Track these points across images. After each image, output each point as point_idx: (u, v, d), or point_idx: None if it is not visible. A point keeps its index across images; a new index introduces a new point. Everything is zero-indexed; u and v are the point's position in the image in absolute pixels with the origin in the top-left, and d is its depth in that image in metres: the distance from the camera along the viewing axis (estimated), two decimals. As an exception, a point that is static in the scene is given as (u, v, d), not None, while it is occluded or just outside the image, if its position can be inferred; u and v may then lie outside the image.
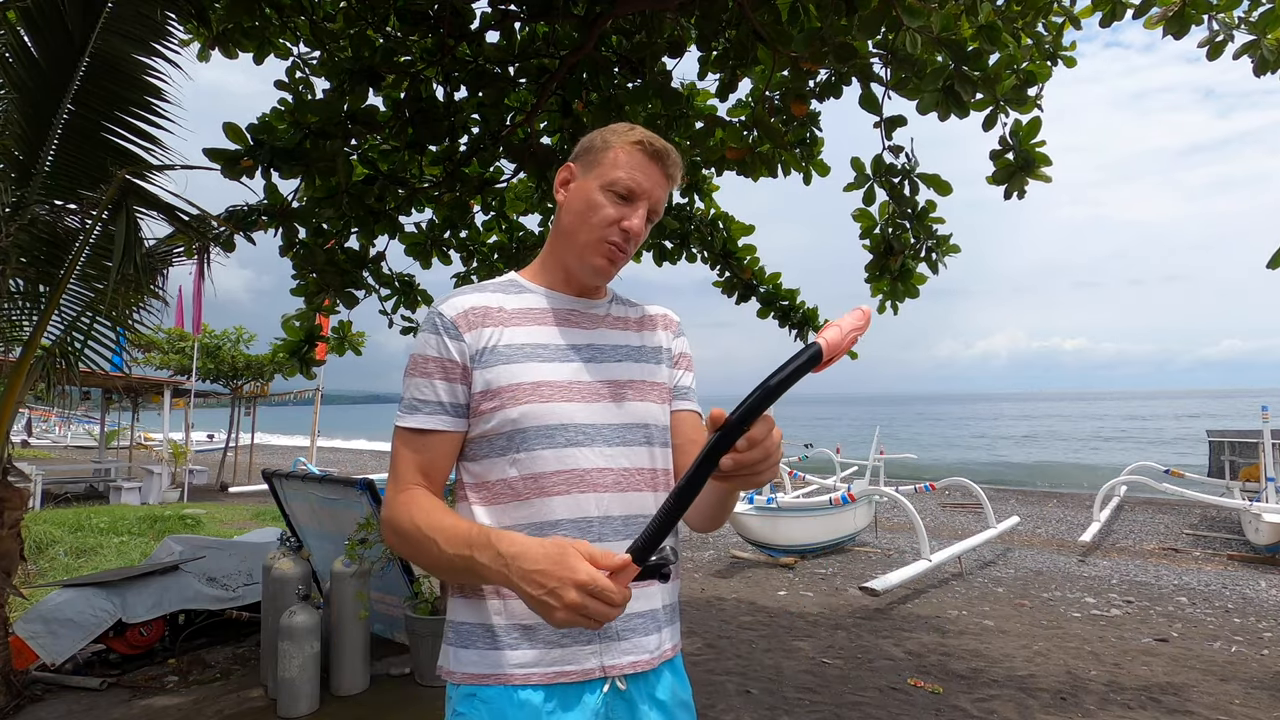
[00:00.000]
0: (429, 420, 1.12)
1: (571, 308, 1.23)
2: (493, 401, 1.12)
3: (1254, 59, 3.19)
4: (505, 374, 1.12)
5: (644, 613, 1.15)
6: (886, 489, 9.08)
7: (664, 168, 1.17)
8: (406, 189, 4.13)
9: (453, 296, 1.18)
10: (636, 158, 1.16)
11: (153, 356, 14.83)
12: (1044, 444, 35.67)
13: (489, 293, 1.19)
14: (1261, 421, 10.00)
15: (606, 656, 1.11)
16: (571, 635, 1.10)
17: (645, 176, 1.16)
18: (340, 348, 4.77)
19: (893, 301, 4.22)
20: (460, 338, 1.13)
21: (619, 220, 1.15)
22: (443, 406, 1.13)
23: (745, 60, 3.56)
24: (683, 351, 1.34)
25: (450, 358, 1.13)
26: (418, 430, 1.12)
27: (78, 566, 6.68)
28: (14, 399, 3.57)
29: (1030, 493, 17.38)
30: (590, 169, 1.18)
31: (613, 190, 1.15)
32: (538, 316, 1.19)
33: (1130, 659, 4.84)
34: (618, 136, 1.18)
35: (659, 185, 1.18)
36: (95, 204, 3.47)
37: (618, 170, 1.15)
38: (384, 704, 3.73)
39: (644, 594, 1.15)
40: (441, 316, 1.14)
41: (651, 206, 1.18)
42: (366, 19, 3.72)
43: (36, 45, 3.22)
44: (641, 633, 1.14)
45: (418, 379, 1.14)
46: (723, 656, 4.71)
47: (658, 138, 1.18)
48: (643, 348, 1.26)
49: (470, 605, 1.13)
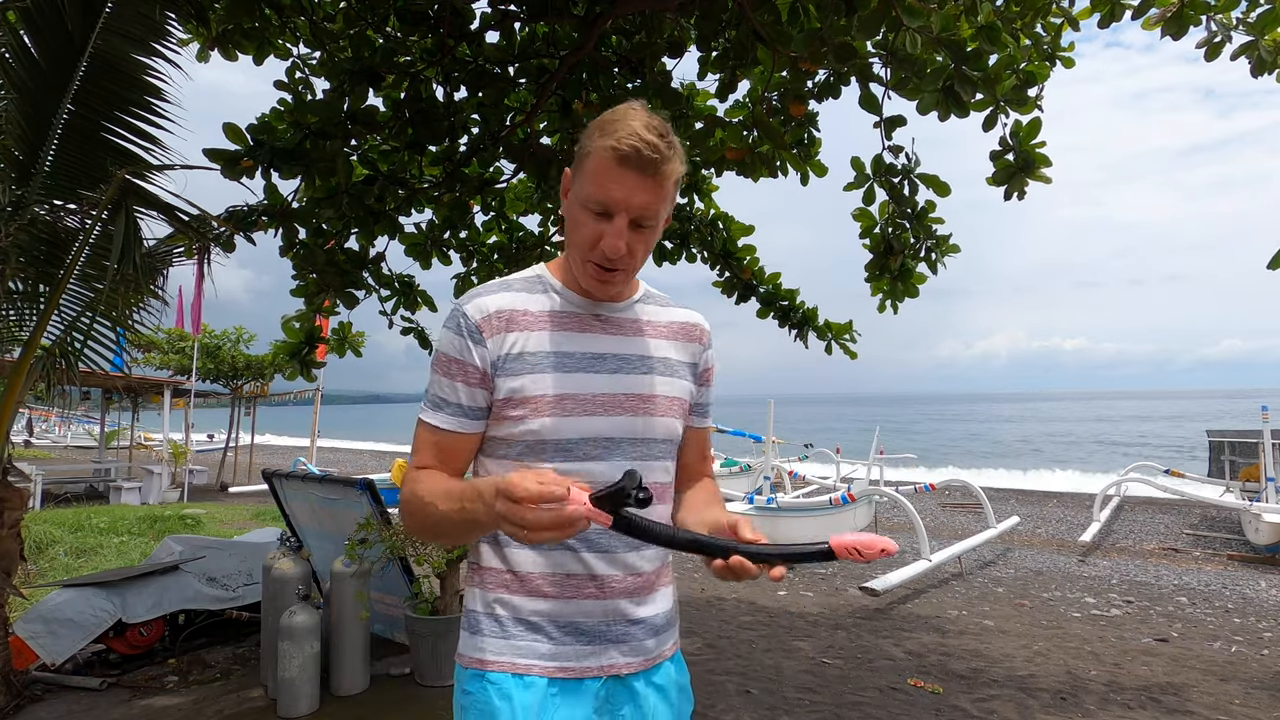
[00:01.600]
0: (449, 421, 1.13)
1: (596, 311, 1.19)
2: (516, 410, 1.11)
3: (1251, 60, 3.19)
4: (529, 384, 1.11)
5: (643, 619, 1.17)
6: (886, 489, 9.08)
7: (640, 170, 1.03)
8: (406, 189, 4.13)
9: (478, 296, 1.15)
10: (607, 167, 1.04)
11: (153, 356, 14.83)
12: (1046, 455, 35.70)
13: (514, 292, 1.16)
14: (1261, 421, 10.00)
15: (605, 658, 1.13)
16: (574, 637, 1.12)
17: (618, 186, 1.04)
18: (340, 348, 4.77)
19: (893, 301, 4.23)
20: (483, 342, 1.11)
21: (598, 240, 1.07)
22: (462, 409, 1.13)
23: (745, 60, 3.56)
24: (709, 367, 1.30)
25: (472, 363, 1.11)
26: (438, 430, 1.14)
27: (78, 566, 6.67)
28: (14, 399, 3.57)
29: (1030, 493, 17.38)
30: (577, 178, 1.11)
31: (588, 207, 1.07)
32: (562, 321, 1.16)
33: (1130, 659, 4.84)
34: (597, 137, 1.06)
35: (639, 190, 1.04)
36: (95, 204, 3.47)
37: (590, 184, 1.06)
38: (384, 704, 3.73)
39: (645, 602, 1.17)
40: (466, 318, 1.12)
41: (635, 215, 1.06)
42: (366, 19, 3.72)
43: (36, 45, 3.22)
44: (640, 638, 1.17)
45: (441, 377, 1.14)
46: (723, 656, 4.71)
47: (635, 133, 1.02)
48: (669, 360, 1.22)
49: (481, 596, 1.16)
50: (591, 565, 1.13)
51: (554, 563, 1.12)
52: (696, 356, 1.27)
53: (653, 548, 1.17)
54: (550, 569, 1.12)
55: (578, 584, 1.13)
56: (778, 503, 8.45)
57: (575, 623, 1.13)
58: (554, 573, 1.13)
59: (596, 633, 1.13)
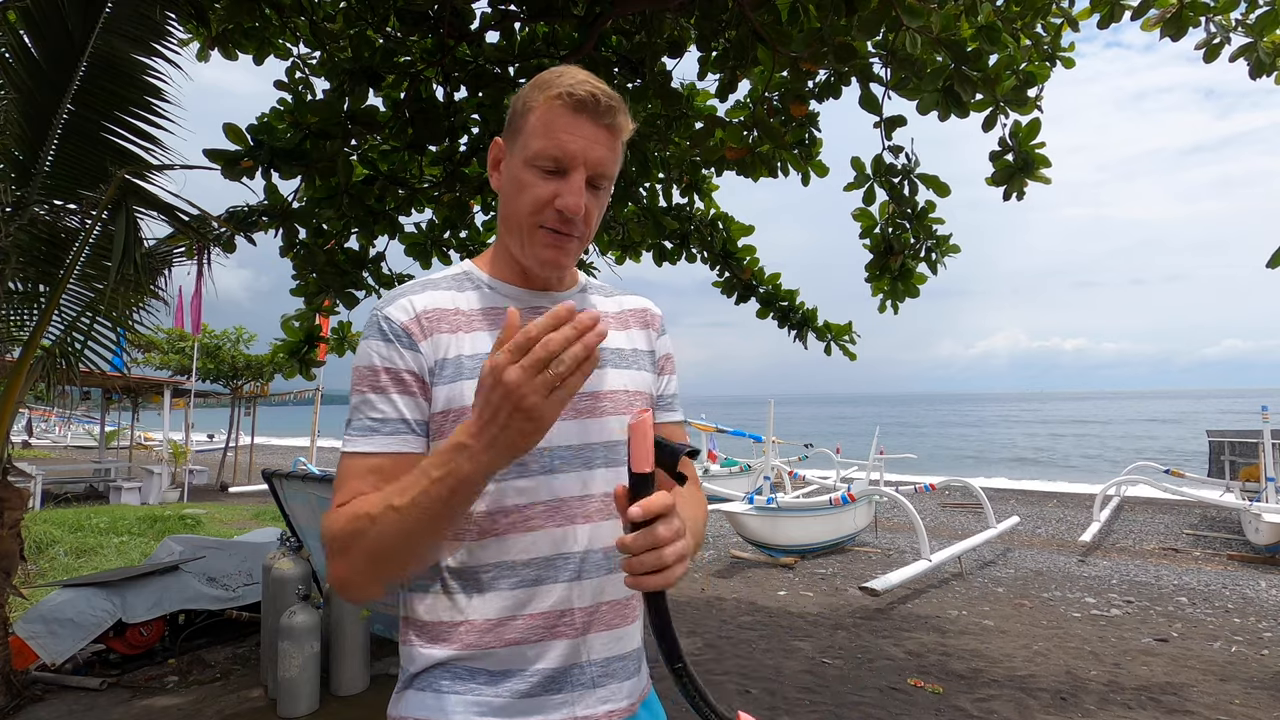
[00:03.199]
0: (392, 442, 0.92)
1: (536, 304, 1.04)
2: (455, 423, 0.90)
3: (1250, 61, 3.20)
4: (468, 391, 0.92)
5: (625, 655, 1.02)
6: (886, 489, 9.08)
7: (596, 118, 0.93)
8: (406, 189, 4.14)
9: (400, 296, 0.99)
10: (558, 116, 0.93)
11: (153, 356, 14.82)
12: (1046, 455, 35.73)
13: (441, 290, 1.01)
14: (1261, 421, 10.00)
15: (579, 707, 0.96)
16: (541, 684, 0.95)
17: (573, 136, 0.93)
18: (340, 348, 4.78)
19: (893, 301, 4.23)
20: (415, 347, 0.95)
21: (551, 199, 0.94)
22: (406, 424, 0.94)
23: (745, 60, 3.56)
24: (667, 353, 1.17)
25: (407, 368, 0.94)
26: (378, 455, 0.92)
27: (78, 566, 6.67)
28: (14, 399, 3.57)
29: (1030, 493, 17.38)
30: (515, 142, 0.98)
31: (537, 165, 0.94)
32: (499, 319, 1.00)
33: (1130, 659, 4.84)
34: (538, 93, 0.96)
35: (596, 142, 0.94)
36: (95, 204, 3.47)
37: (539, 138, 0.94)
38: (384, 704, 3.71)
39: (623, 635, 1.02)
40: (389, 321, 0.95)
41: (593, 171, 0.95)
42: (366, 19, 3.72)
43: (36, 45, 3.22)
44: (620, 678, 1.01)
45: (370, 395, 0.94)
46: (723, 656, 4.71)
47: (586, 82, 0.93)
48: (623, 351, 1.08)
49: (426, 650, 0.97)
50: (563, 597, 0.96)
51: (516, 601, 0.95)
52: (652, 344, 1.14)
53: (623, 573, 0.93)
54: (511, 610, 0.95)
55: (545, 621, 0.96)
56: (778, 503, 8.45)
57: (537, 669, 0.95)
58: (514, 614, 0.95)
59: (562, 680, 0.96)
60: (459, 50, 3.83)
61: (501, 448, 0.76)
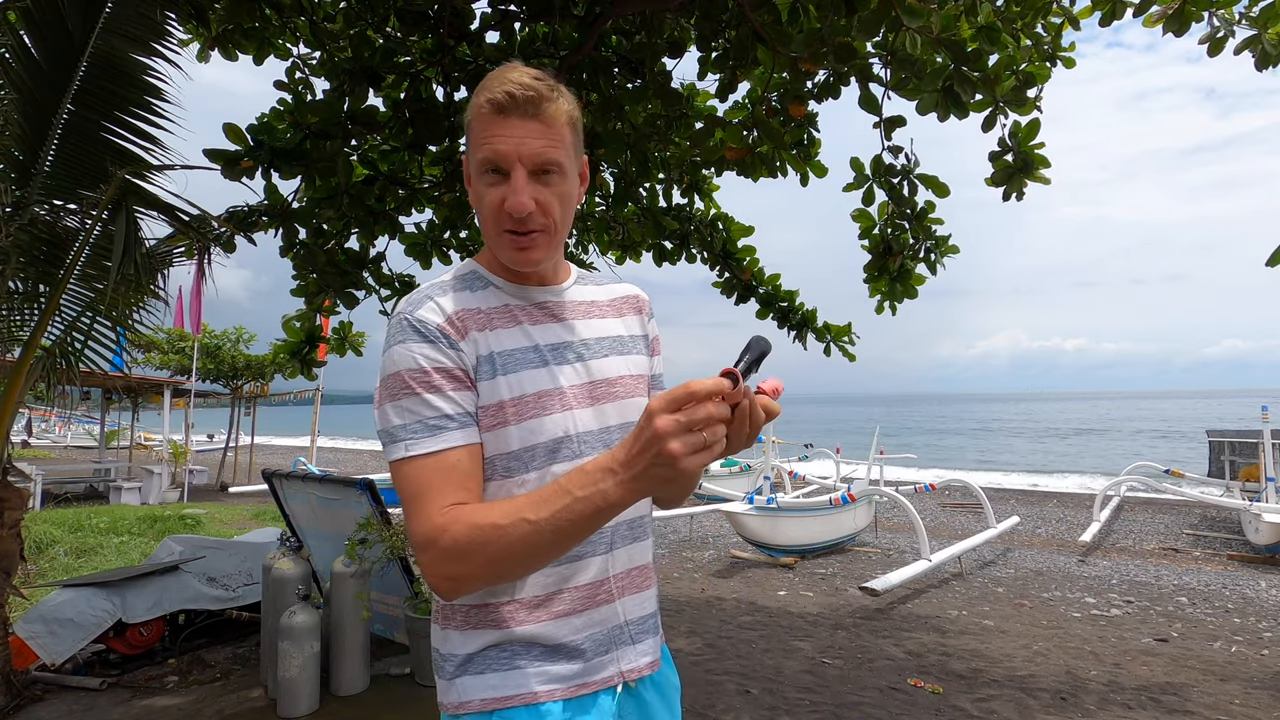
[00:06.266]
0: (462, 435, 0.97)
1: (542, 300, 1.10)
2: (493, 419, 1.00)
3: (1255, 54, 3.20)
4: (505, 386, 1.01)
5: (650, 614, 1.15)
6: (886, 489, 9.08)
7: (521, 113, 0.96)
8: (406, 189, 4.14)
9: (425, 299, 1.02)
10: (486, 124, 0.97)
11: (153, 356, 14.82)
12: (1046, 455, 35.73)
13: (457, 291, 1.05)
14: (1262, 421, 10.00)
15: (624, 662, 1.08)
16: (592, 648, 1.05)
17: (502, 137, 0.96)
18: (341, 348, 4.78)
19: (891, 302, 4.23)
20: (456, 346, 1.00)
21: (501, 205, 0.98)
22: (471, 417, 0.99)
23: (745, 61, 3.56)
24: (656, 335, 1.25)
25: (458, 365, 0.99)
26: (453, 449, 0.96)
27: (78, 566, 6.67)
28: (14, 399, 3.57)
29: (1030, 493, 17.38)
30: (469, 156, 1.02)
31: (484, 174, 0.99)
32: (515, 315, 1.07)
33: (1130, 659, 4.84)
34: (471, 105, 1.00)
35: (527, 135, 0.97)
36: (95, 204, 3.47)
37: (476, 148, 0.99)
38: (384, 704, 3.73)
39: (648, 597, 1.14)
40: (424, 324, 0.99)
41: (532, 164, 0.97)
42: (366, 19, 3.73)
43: (36, 45, 3.22)
44: (652, 633, 1.14)
45: (425, 395, 0.97)
46: (723, 656, 4.71)
47: (506, 81, 0.96)
48: (622, 337, 1.16)
49: (477, 634, 1.03)
50: (601, 568, 1.07)
51: (560, 577, 1.04)
52: (644, 328, 1.22)
53: (649, 537, 1.17)
54: (556, 585, 1.04)
55: (589, 592, 1.06)
56: (778, 503, 8.45)
57: (587, 635, 1.05)
58: (559, 588, 1.04)
59: (610, 641, 1.07)
60: (459, 50, 3.84)
61: (644, 481, 0.82)
